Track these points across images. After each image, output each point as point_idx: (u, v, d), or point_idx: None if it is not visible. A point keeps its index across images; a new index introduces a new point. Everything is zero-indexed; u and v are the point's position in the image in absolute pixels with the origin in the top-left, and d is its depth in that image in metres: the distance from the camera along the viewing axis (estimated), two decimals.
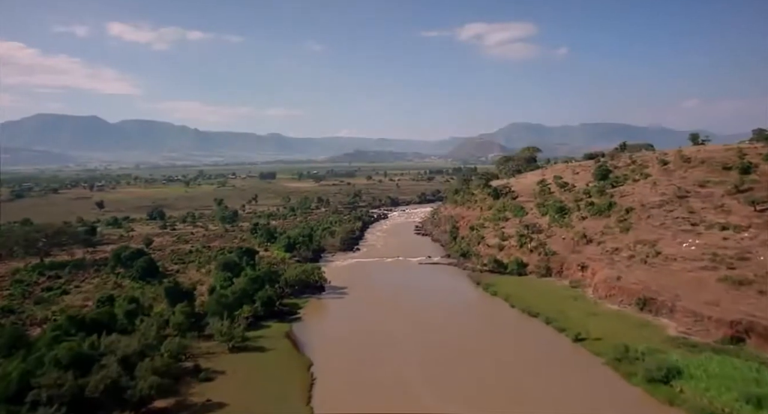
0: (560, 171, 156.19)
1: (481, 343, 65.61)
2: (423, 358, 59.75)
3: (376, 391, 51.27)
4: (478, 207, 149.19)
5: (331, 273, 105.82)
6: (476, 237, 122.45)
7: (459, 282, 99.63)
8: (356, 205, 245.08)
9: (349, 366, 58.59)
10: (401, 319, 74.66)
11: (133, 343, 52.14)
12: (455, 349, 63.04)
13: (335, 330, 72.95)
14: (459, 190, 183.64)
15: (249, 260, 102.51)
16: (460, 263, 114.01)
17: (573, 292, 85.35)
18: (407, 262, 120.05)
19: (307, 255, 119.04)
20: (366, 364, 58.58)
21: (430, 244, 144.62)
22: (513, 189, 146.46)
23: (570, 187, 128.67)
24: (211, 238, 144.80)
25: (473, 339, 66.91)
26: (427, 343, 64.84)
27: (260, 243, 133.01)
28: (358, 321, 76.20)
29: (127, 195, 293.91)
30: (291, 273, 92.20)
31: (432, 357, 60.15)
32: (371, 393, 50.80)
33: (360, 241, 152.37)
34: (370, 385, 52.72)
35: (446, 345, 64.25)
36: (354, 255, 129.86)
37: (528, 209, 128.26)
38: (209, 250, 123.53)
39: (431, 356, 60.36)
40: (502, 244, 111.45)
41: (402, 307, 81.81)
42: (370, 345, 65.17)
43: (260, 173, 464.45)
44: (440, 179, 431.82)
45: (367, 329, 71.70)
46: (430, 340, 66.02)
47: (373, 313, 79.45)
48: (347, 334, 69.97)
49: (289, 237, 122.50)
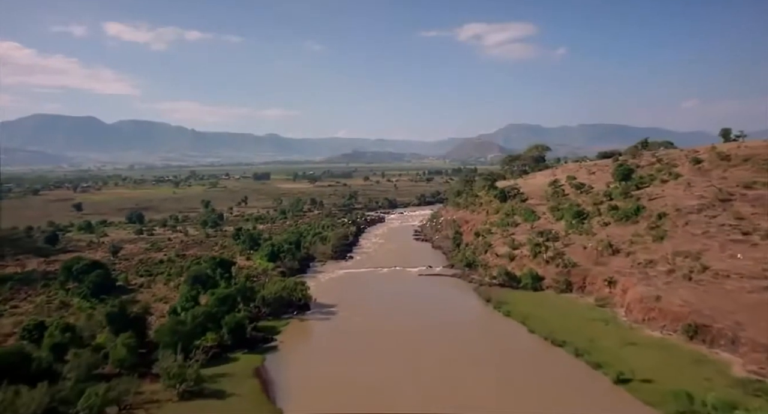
0: (573, 171, 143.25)
1: (498, 389, 52.21)
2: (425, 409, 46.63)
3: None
4: (483, 210, 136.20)
5: (319, 287, 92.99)
6: (483, 244, 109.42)
7: (465, 298, 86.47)
8: (351, 208, 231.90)
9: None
10: (398, 351, 61.49)
11: (37, 399, 38.83)
12: (465, 396, 49.88)
13: (316, 365, 59.58)
14: (461, 191, 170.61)
15: (223, 273, 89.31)
16: (466, 275, 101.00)
17: (601, 312, 72.32)
18: (405, 272, 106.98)
19: (292, 265, 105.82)
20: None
21: (431, 252, 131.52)
22: (521, 191, 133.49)
23: (587, 189, 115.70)
24: (189, 244, 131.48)
25: (487, 382, 53.53)
26: (429, 387, 51.69)
27: (242, 250, 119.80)
28: (346, 353, 62.88)
29: (111, 196, 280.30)
30: (270, 289, 78.95)
31: (437, 407, 46.99)
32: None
33: (354, 247, 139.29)
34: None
35: (453, 390, 51.05)
36: (346, 264, 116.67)
37: (540, 213, 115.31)
38: (183, 259, 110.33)
39: (435, 407, 47.18)
40: (513, 254, 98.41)
41: (398, 332, 68.69)
42: (359, 387, 51.94)
43: (254, 174, 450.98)
44: (439, 180, 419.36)
45: (356, 364, 58.50)
46: (433, 382, 52.84)
47: (365, 342, 66.24)
48: (330, 370, 56.70)
49: (273, 245, 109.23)
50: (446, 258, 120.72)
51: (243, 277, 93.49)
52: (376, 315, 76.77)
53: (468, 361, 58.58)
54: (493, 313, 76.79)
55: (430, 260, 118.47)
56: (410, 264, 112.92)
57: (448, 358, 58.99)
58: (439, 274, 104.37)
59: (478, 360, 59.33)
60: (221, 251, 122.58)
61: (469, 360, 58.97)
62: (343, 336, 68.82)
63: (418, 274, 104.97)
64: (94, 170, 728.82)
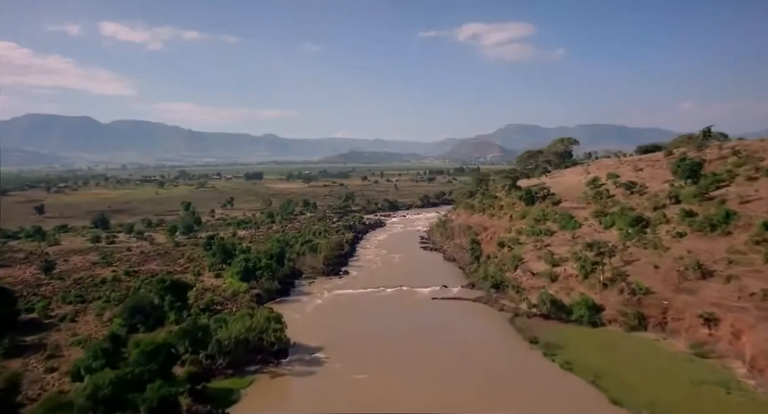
0: (612, 167, 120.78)
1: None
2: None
3: None
4: (505, 215, 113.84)
5: (303, 318, 70.78)
6: (511, 258, 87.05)
7: (500, 337, 63.98)
8: (348, 210, 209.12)
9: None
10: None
11: None
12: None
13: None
14: (474, 192, 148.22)
15: (174, 301, 66.76)
16: (493, 299, 78.76)
17: (707, 368, 50.00)
18: (414, 294, 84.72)
19: (270, 287, 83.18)
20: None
21: (443, 265, 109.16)
22: (551, 191, 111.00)
23: (640, 189, 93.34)
24: (149, 256, 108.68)
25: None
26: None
27: (212, 264, 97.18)
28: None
29: (87, 197, 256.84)
30: (232, 330, 56.28)
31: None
32: None
33: (350, 258, 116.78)
34: None
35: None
36: (340, 283, 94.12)
37: (581, 219, 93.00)
38: (134, 277, 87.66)
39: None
40: (554, 273, 76.07)
41: (414, 398, 46.30)
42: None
43: (246, 174, 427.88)
44: (442, 180, 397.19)
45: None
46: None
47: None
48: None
49: (248, 259, 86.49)
50: (464, 274, 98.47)
51: (201, 306, 71.03)
52: (381, 367, 54.29)
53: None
54: (546, 363, 54.37)
55: (444, 276, 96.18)
56: (419, 282, 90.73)
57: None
58: (459, 298, 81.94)
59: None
60: (186, 266, 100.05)
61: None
62: (333, 407, 46.34)
63: (432, 297, 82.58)
64: (85, 170, 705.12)
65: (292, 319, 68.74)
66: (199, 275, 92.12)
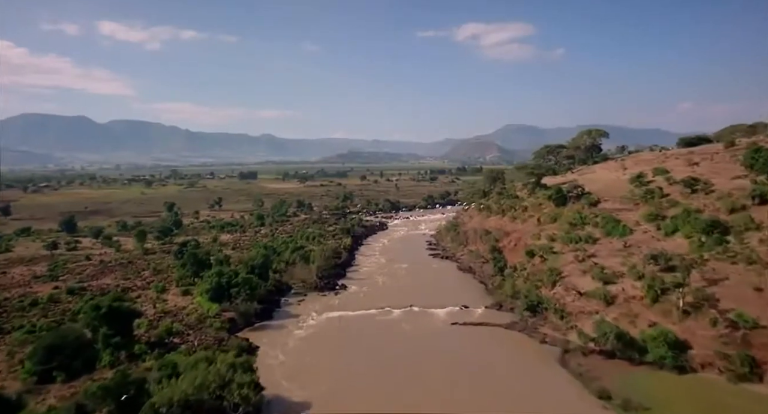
0: (656, 162, 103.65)
1: None
2: None
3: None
4: (530, 217, 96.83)
5: (287, 353, 53.82)
6: (546, 272, 69.96)
7: (553, 387, 46.78)
8: (346, 212, 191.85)
9: None
10: None
11: None
12: None
13: None
14: (488, 191, 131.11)
15: (112, 334, 49.64)
16: (530, 326, 61.88)
17: None
18: (427, 317, 67.84)
19: (248, 309, 65.95)
20: None
21: (458, 277, 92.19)
22: (586, 190, 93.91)
23: (705, 188, 76.35)
24: (109, 267, 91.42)
25: None
26: None
27: (182, 278, 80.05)
28: None
29: (66, 198, 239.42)
30: (179, 388, 39.05)
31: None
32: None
33: (348, 268, 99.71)
34: None
35: None
36: (336, 301, 76.94)
37: (630, 223, 76.01)
38: (79, 296, 70.38)
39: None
40: (610, 293, 59.05)
41: None
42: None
43: (240, 173, 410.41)
44: (444, 179, 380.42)
45: None
46: None
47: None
48: None
49: (221, 274, 69.26)
50: (485, 289, 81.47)
51: (153, 339, 53.93)
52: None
53: None
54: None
55: (462, 293, 79.21)
56: (433, 300, 73.78)
57: None
58: (485, 323, 64.88)
59: None
60: (150, 279, 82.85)
61: None
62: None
63: (451, 322, 65.49)
64: (78, 170, 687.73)
65: (270, 359, 51.76)
66: (163, 292, 75.01)
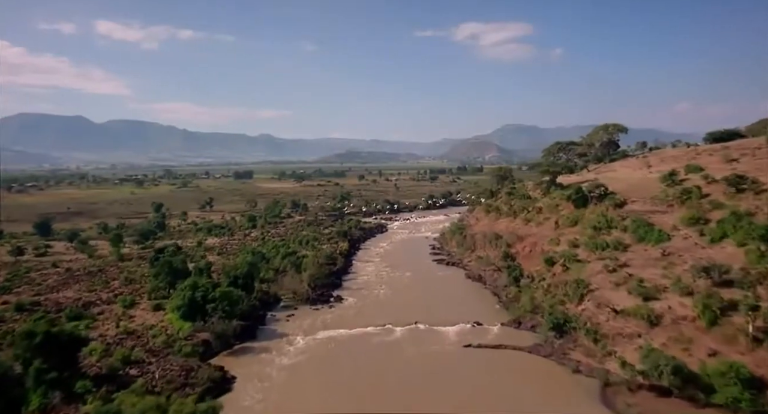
0: (684, 159, 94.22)
1: None
2: None
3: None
4: (546, 220, 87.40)
5: (268, 390, 44.07)
6: (572, 285, 60.38)
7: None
8: (343, 213, 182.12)
9: None
10: None
11: None
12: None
13: None
14: (496, 191, 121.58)
15: (47, 369, 39.95)
16: (558, 350, 52.42)
17: None
18: (436, 336, 58.47)
19: (226, 329, 56.22)
20: None
21: (467, 287, 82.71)
22: (609, 190, 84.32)
23: (754, 187, 66.84)
24: (75, 276, 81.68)
25: None
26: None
27: (155, 289, 70.37)
28: None
29: (50, 198, 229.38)
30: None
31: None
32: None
33: (345, 276, 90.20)
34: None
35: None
36: (330, 316, 67.34)
37: (667, 228, 66.50)
38: (32, 313, 60.65)
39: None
40: (654, 311, 49.53)
41: None
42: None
43: (235, 172, 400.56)
44: (445, 179, 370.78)
45: None
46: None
47: None
48: None
49: (195, 287, 59.53)
50: (499, 302, 71.98)
51: (105, 371, 44.24)
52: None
53: None
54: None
55: (472, 306, 69.86)
56: (440, 315, 64.49)
57: None
58: (503, 346, 55.33)
59: None
60: (120, 291, 73.17)
61: None
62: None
63: (464, 344, 55.94)
64: (73, 170, 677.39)
65: (247, 397, 42.15)
66: (131, 306, 65.37)
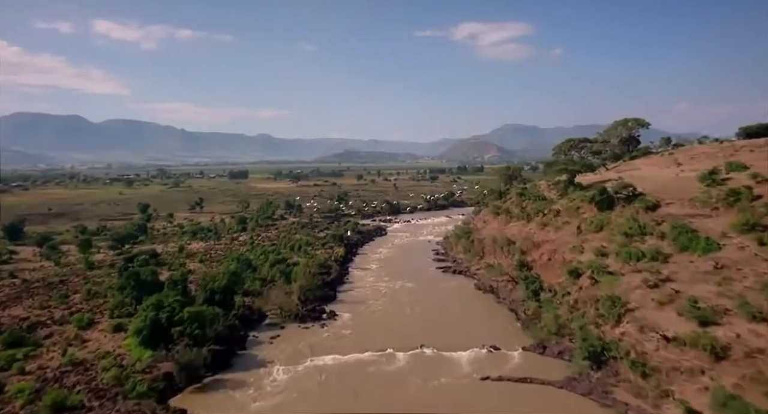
0: (720, 156, 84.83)
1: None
2: None
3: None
4: (565, 224, 77.84)
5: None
6: (605, 303, 50.75)
7: None
8: (340, 214, 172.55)
9: None
10: None
11: None
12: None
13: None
14: (505, 192, 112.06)
15: None
16: (596, 385, 42.96)
17: None
18: (445, 365, 48.90)
19: (193, 359, 46.33)
20: None
21: (477, 300, 73.15)
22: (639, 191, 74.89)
23: None
24: (30, 289, 71.86)
25: None
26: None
27: (118, 306, 60.71)
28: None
29: (33, 198, 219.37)
30: None
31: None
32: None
33: (339, 287, 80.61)
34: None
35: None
36: (321, 337, 57.73)
37: (712, 234, 57.02)
38: None
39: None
40: (716, 340, 40.07)
41: None
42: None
43: (230, 172, 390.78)
44: (445, 179, 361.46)
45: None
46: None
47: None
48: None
49: (159, 307, 49.85)
50: (516, 318, 62.47)
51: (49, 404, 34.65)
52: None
53: None
54: None
55: (486, 324, 60.43)
56: (449, 337, 55.07)
57: None
58: (529, 380, 45.77)
59: None
60: (79, 307, 63.42)
61: None
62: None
63: (481, 377, 46.38)
64: (68, 169, 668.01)
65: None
66: (88, 327, 55.73)
